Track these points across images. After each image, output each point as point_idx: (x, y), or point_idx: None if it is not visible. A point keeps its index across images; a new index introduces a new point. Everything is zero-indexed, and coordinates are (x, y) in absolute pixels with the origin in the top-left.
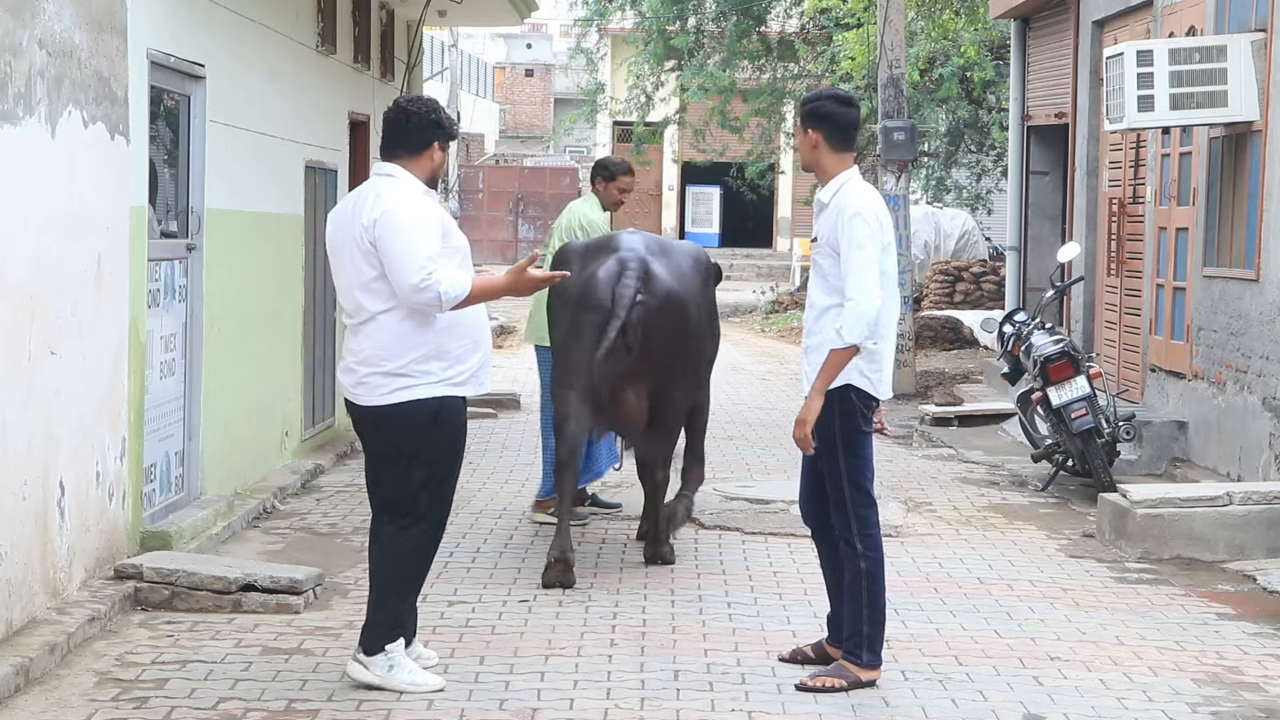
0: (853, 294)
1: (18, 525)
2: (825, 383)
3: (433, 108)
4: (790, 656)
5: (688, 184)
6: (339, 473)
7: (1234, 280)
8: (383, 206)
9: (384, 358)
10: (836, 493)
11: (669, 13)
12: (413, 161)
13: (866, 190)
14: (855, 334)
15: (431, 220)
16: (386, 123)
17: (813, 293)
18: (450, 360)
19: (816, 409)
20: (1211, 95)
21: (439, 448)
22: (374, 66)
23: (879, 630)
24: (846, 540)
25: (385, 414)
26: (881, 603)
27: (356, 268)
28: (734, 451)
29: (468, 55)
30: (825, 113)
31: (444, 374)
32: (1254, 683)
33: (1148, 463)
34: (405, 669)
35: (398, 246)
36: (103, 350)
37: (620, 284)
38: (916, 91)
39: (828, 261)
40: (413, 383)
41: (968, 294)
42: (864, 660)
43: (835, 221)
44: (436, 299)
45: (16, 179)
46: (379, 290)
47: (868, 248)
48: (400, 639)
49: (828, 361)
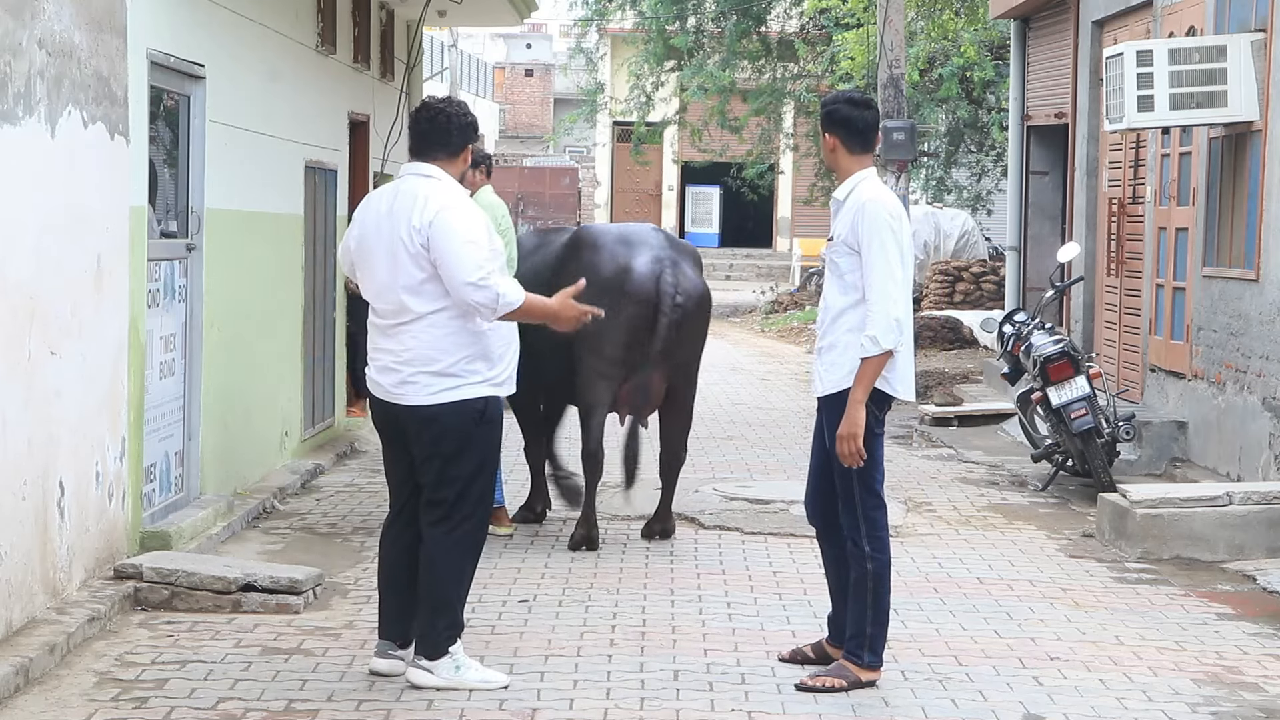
0: (876, 296)
1: (17, 525)
2: (864, 393)
3: (465, 109)
4: (790, 656)
5: (687, 184)
6: (339, 473)
7: (1234, 280)
8: (436, 207)
9: (433, 357)
10: (846, 494)
11: (669, 13)
12: (450, 163)
13: (882, 188)
14: (889, 339)
15: (483, 222)
16: (421, 122)
17: (828, 293)
18: (493, 361)
19: (860, 419)
20: (1211, 95)
21: (486, 446)
22: (374, 66)
23: (881, 632)
24: (854, 541)
25: (435, 413)
26: (886, 605)
27: (402, 269)
28: (734, 451)
29: (467, 55)
30: (841, 116)
31: (488, 374)
32: (1254, 683)
33: (1147, 463)
34: (472, 667)
35: (457, 246)
36: (102, 350)
37: (662, 281)
38: (916, 91)
39: (844, 260)
40: (461, 382)
41: (967, 294)
42: (865, 661)
43: (852, 220)
44: (493, 300)
45: (16, 179)
46: (428, 291)
47: (889, 246)
48: (459, 639)
49: (863, 371)
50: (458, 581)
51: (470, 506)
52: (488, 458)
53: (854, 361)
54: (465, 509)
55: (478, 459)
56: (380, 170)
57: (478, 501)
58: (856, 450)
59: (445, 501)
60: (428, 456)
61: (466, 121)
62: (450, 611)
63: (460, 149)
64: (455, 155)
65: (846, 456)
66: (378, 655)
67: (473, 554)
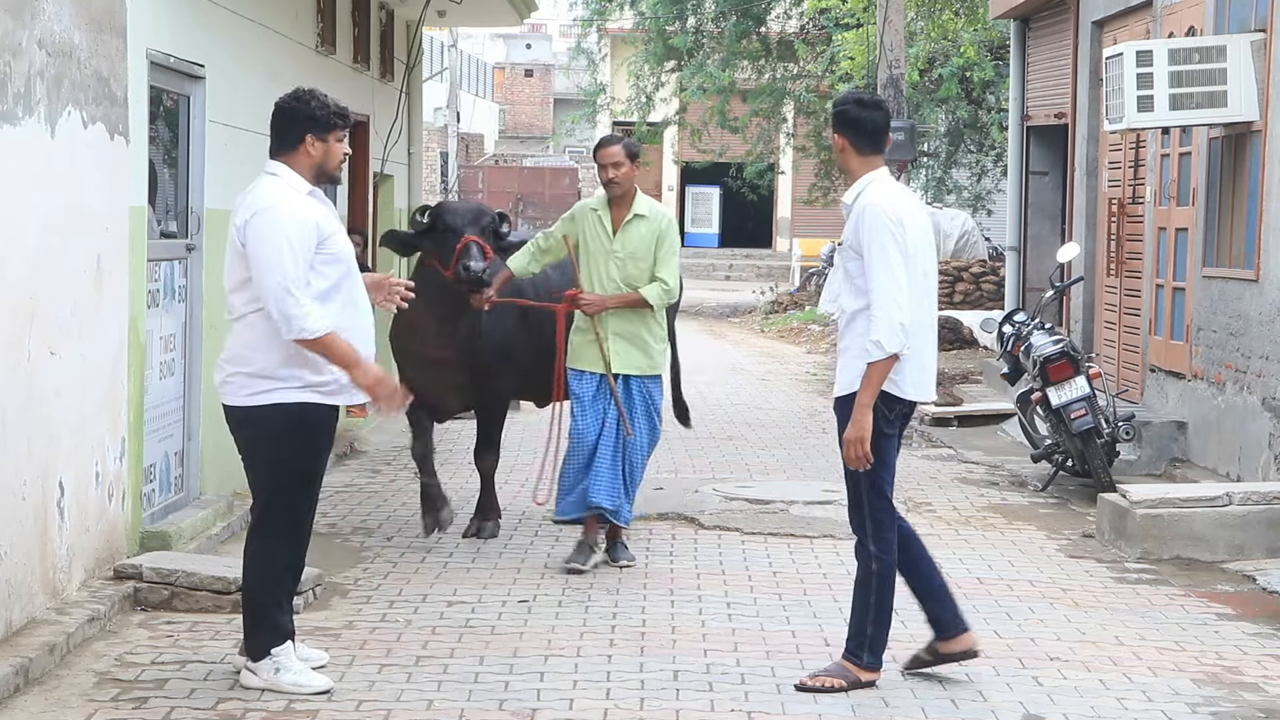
0: (878, 300)
1: (17, 525)
2: (871, 397)
3: (304, 100)
4: (910, 664)
5: (687, 184)
6: (338, 473)
7: (1234, 280)
8: (255, 208)
9: (248, 358)
10: (854, 495)
11: (669, 13)
12: (290, 158)
13: (890, 190)
14: (893, 343)
15: (305, 226)
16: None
17: (842, 297)
18: (319, 367)
19: (865, 424)
20: (1211, 95)
21: (302, 454)
22: (374, 67)
23: (883, 633)
24: (861, 540)
25: (247, 415)
26: (888, 606)
27: (230, 266)
28: (734, 452)
29: (467, 55)
30: (851, 117)
31: (312, 379)
32: (1253, 683)
33: (1147, 463)
34: (292, 670)
35: (265, 250)
36: (102, 350)
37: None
38: (916, 91)
39: (853, 265)
40: (278, 385)
41: (968, 294)
42: (865, 661)
43: (856, 224)
44: (287, 319)
45: (16, 179)
46: (248, 291)
47: (889, 250)
48: (286, 643)
49: (869, 375)
50: (271, 588)
51: (279, 512)
52: (302, 466)
53: (863, 365)
54: (271, 514)
55: (290, 466)
56: (380, 170)
57: (288, 507)
58: (863, 454)
59: (258, 503)
60: (243, 457)
61: (300, 114)
62: (264, 615)
63: (297, 142)
64: (293, 149)
65: (853, 460)
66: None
67: (276, 561)
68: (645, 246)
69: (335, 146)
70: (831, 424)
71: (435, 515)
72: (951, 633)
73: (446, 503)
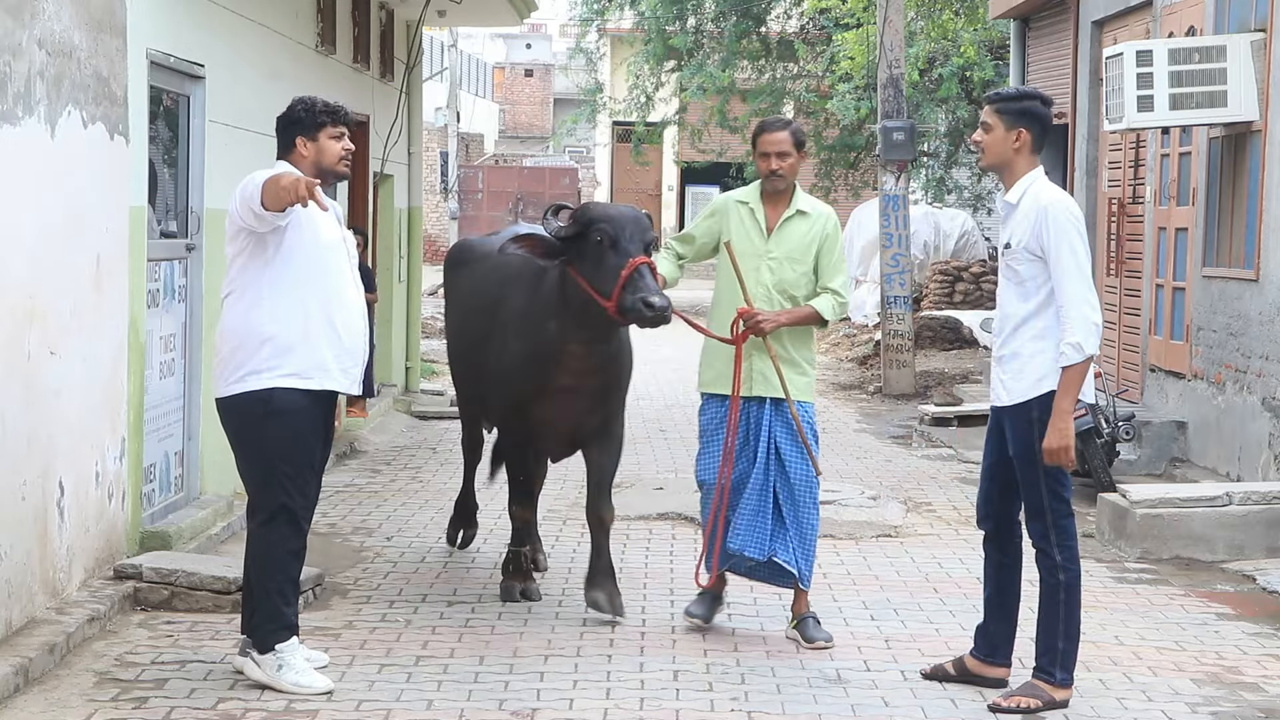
0: (1072, 302)
1: (17, 525)
2: (1071, 402)
3: (292, 107)
4: (931, 673)
5: (687, 184)
6: (339, 473)
7: (1233, 280)
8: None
9: (219, 345)
10: (1034, 503)
11: (668, 13)
12: (289, 161)
13: (1058, 190)
14: (1091, 344)
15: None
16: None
17: (1007, 301)
18: (288, 351)
19: (1068, 430)
20: (1211, 95)
21: (273, 443)
22: (374, 67)
23: (1074, 647)
24: (1044, 550)
25: (224, 406)
26: (1078, 618)
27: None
28: None
29: (467, 55)
30: (1037, 112)
31: (276, 362)
32: (1253, 683)
33: (1147, 463)
34: (294, 669)
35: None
36: (102, 350)
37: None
38: (916, 91)
39: (1024, 267)
40: (247, 373)
41: (967, 294)
42: (1057, 679)
43: (1036, 223)
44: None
45: (16, 179)
46: (231, 273)
47: (1079, 249)
48: (292, 639)
49: (1066, 380)
50: (271, 576)
51: (268, 500)
52: (282, 451)
53: (1041, 370)
54: (263, 502)
55: (270, 453)
56: (380, 170)
57: (276, 494)
58: (1070, 460)
59: (249, 493)
60: (231, 449)
61: (288, 121)
62: (270, 607)
63: (290, 147)
64: (289, 153)
65: (1060, 461)
66: (239, 654)
67: (279, 554)
68: (804, 248)
69: (328, 144)
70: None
71: (527, 586)
72: (998, 660)
73: (539, 567)
